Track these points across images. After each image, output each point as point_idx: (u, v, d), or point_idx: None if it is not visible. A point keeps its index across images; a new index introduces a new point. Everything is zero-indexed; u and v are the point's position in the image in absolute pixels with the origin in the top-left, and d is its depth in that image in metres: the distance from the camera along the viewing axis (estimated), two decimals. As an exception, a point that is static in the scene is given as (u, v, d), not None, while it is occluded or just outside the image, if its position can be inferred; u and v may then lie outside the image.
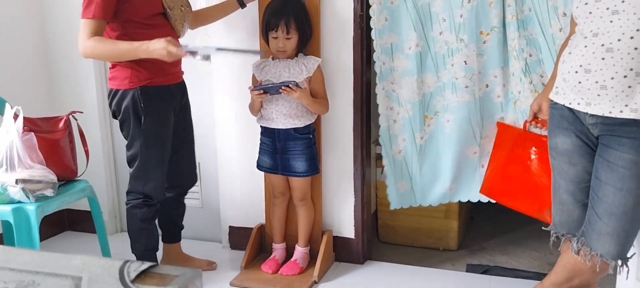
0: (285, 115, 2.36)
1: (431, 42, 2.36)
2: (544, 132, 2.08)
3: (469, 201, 2.52)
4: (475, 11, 2.25)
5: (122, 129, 2.26)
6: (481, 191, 2.43)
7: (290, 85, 2.24)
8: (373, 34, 2.39)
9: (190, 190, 2.91)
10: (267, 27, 2.34)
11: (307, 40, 2.40)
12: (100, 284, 0.71)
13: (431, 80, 2.40)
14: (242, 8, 2.43)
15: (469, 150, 2.42)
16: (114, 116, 2.26)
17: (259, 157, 2.53)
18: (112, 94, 2.21)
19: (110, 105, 2.24)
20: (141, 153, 2.22)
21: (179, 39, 2.24)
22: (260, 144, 2.51)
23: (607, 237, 1.65)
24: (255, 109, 2.44)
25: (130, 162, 2.28)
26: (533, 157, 2.21)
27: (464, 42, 2.30)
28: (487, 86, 2.35)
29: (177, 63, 2.29)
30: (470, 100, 2.35)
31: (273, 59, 2.43)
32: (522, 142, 2.25)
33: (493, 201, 2.42)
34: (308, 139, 2.43)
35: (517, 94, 2.32)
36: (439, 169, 2.48)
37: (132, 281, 0.73)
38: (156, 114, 2.19)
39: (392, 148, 2.50)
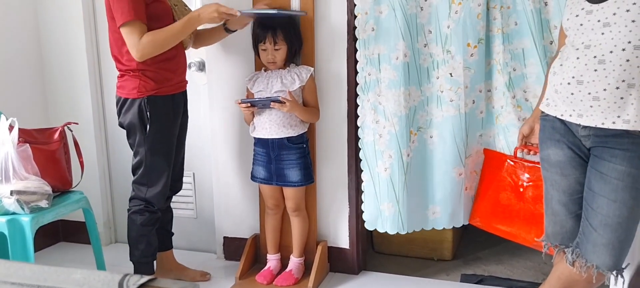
0: (278, 125, 2.38)
1: (416, 53, 2.32)
2: (538, 158, 2.01)
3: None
4: (463, 22, 2.21)
5: (128, 137, 2.30)
6: (470, 221, 2.40)
7: (280, 99, 2.27)
8: (358, 44, 2.37)
9: (185, 201, 2.93)
10: (257, 39, 2.38)
11: (297, 51, 2.43)
12: (100, 298, 0.72)
13: (415, 93, 2.35)
14: (228, 33, 2.44)
15: (454, 170, 2.34)
16: (121, 125, 2.29)
17: (253, 168, 2.54)
18: (121, 103, 2.25)
19: (118, 113, 2.28)
20: (146, 160, 2.26)
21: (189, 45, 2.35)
22: (254, 155, 2.52)
23: (602, 248, 1.66)
24: (247, 120, 2.47)
25: (134, 170, 2.31)
26: (526, 184, 2.17)
27: (450, 54, 2.26)
28: (473, 102, 2.30)
29: (183, 72, 2.35)
30: (455, 115, 2.29)
31: (265, 70, 2.45)
32: (513, 169, 2.22)
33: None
34: (302, 149, 2.44)
35: (499, 109, 2.30)
36: (423, 190, 2.41)
37: (132, 294, 0.74)
38: (161, 123, 2.25)
39: (377, 165, 2.40)
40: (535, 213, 2.12)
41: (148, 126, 2.22)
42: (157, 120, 2.23)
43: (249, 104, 2.36)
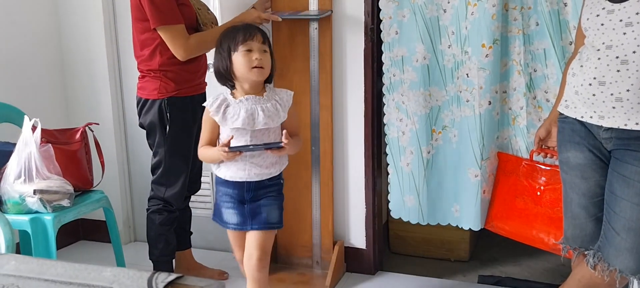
0: (261, 167, 1.94)
1: (439, 55, 2.36)
2: (555, 161, 2.00)
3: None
4: (478, 23, 2.21)
5: (148, 138, 2.33)
6: (486, 226, 2.39)
7: (280, 145, 1.87)
8: (383, 47, 2.42)
9: (203, 200, 2.96)
10: (235, 42, 1.90)
11: (272, 71, 2.00)
12: (130, 295, 0.74)
13: (439, 93, 2.39)
14: None
15: (469, 171, 2.35)
16: (141, 125, 2.32)
17: (220, 212, 2.04)
18: (141, 103, 2.29)
19: (139, 114, 2.32)
20: (165, 160, 2.29)
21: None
22: (219, 196, 2.02)
23: (626, 252, 1.64)
24: (216, 161, 1.96)
25: (153, 170, 2.35)
26: (543, 188, 2.15)
27: (467, 55, 2.28)
28: (489, 103, 2.28)
29: (203, 74, 2.38)
30: (470, 116, 2.30)
31: (235, 97, 1.94)
32: (530, 172, 2.19)
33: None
34: (279, 185, 2.03)
35: (517, 110, 2.30)
36: (444, 187, 2.46)
37: (160, 292, 0.75)
38: (181, 124, 2.27)
39: (400, 159, 2.50)
40: (554, 217, 2.10)
41: (168, 127, 2.25)
42: (177, 121, 2.26)
43: (239, 152, 1.86)
